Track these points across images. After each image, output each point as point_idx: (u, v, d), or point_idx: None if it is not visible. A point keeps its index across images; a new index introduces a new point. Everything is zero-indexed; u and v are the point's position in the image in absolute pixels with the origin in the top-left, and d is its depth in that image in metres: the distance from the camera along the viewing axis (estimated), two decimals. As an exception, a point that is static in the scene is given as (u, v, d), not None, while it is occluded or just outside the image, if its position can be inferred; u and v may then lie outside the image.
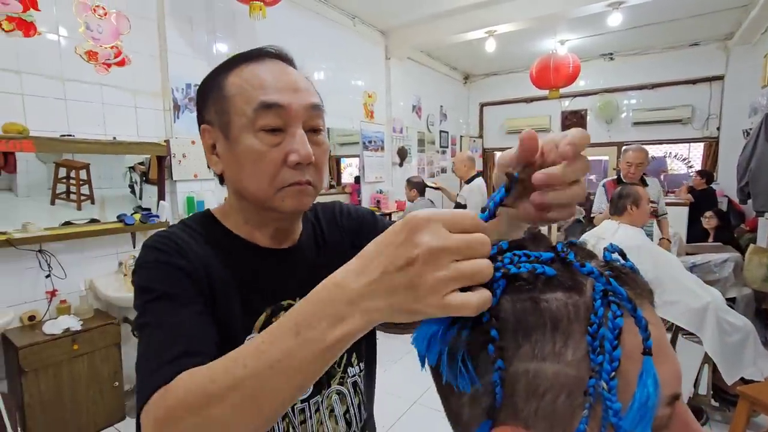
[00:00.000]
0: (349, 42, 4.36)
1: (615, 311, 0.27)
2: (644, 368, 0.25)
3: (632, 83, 6.00)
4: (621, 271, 0.30)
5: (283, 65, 0.59)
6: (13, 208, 2.28)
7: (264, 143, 0.54)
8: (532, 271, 0.29)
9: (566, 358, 0.27)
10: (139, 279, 0.54)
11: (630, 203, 2.32)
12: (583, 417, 0.26)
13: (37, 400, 1.99)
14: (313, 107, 0.57)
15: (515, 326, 0.29)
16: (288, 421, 0.61)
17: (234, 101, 0.55)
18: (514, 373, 0.28)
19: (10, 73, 2.13)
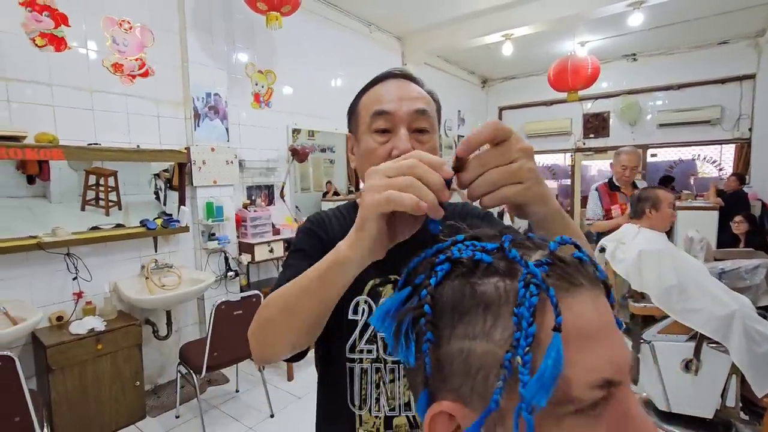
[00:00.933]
0: (365, 48, 4.41)
1: (532, 291, 0.28)
2: (551, 343, 0.27)
3: (657, 84, 5.83)
4: (562, 260, 0.31)
5: (403, 81, 0.72)
6: (46, 214, 2.40)
7: (375, 141, 0.68)
8: (471, 257, 0.32)
9: (495, 338, 0.29)
10: (295, 236, 0.78)
11: (649, 207, 2.25)
12: (497, 388, 0.28)
13: (63, 397, 2.07)
14: (416, 112, 0.68)
15: (452, 308, 0.31)
16: (380, 375, 0.71)
17: (361, 113, 0.72)
18: (450, 352, 0.31)
19: (43, 86, 2.25)
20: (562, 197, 7.33)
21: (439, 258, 0.33)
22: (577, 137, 6.62)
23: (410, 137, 0.67)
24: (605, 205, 2.85)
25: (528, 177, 0.42)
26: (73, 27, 2.33)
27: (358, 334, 0.71)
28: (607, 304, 0.32)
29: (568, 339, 0.27)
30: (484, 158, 0.42)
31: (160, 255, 2.75)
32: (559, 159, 7.25)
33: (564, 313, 0.28)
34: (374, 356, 0.72)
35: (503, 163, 0.41)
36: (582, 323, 0.28)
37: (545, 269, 0.29)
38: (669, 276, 2.03)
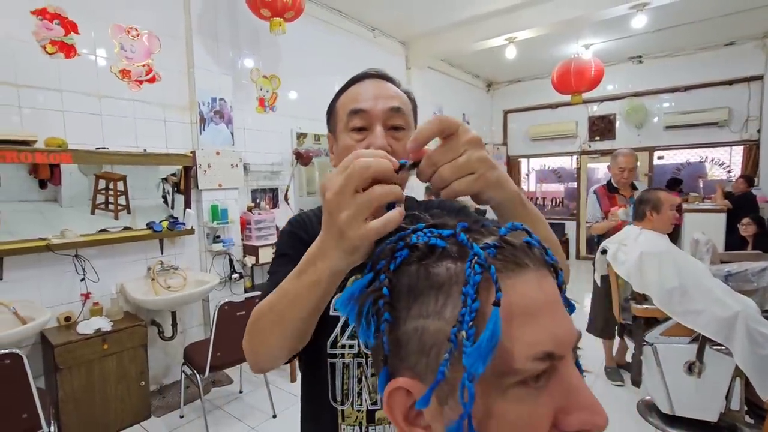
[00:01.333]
0: (369, 53, 4.45)
1: (476, 270, 0.30)
2: (490, 316, 0.29)
3: (663, 86, 5.79)
4: (510, 244, 0.33)
5: (379, 81, 0.74)
6: (57, 218, 2.45)
7: (352, 139, 0.70)
8: (427, 242, 0.34)
9: (445, 315, 0.31)
10: (278, 240, 0.80)
11: (650, 209, 2.25)
12: (443, 360, 0.29)
13: (70, 396, 2.11)
14: (391, 109, 0.69)
15: (408, 290, 0.33)
16: (362, 370, 0.73)
17: (339, 113, 0.73)
18: (407, 331, 0.33)
19: (53, 92, 2.31)
20: (568, 200, 7.29)
21: (399, 244, 0.35)
22: (582, 140, 6.59)
23: (386, 134, 0.68)
24: (604, 207, 2.83)
25: (478, 167, 0.44)
26: (83, 34, 2.40)
27: (340, 330, 0.73)
28: (554, 284, 0.34)
29: (512, 315, 0.30)
30: (434, 157, 0.43)
31: (165, 257, 2.80)
32: (565, 162, 7.22)
33: (508, 292, 0.30)
34: (356, 351, 0.73)
35: (452, 158, 0.43)
36: (525, 301, 0.30)
37: (492, 252, 0.31)
38: (670, 277, 2.02)
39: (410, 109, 0.75)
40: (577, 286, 5.01)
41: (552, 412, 0.30)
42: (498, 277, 0.30)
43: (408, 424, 0.33)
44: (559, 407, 0.30)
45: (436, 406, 0.31)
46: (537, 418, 0.29)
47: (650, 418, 2.32)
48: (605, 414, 0.30)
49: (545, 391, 0.30)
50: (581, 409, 0.30)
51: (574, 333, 0.32)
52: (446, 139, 0.44)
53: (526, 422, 0.29)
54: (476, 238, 0.33)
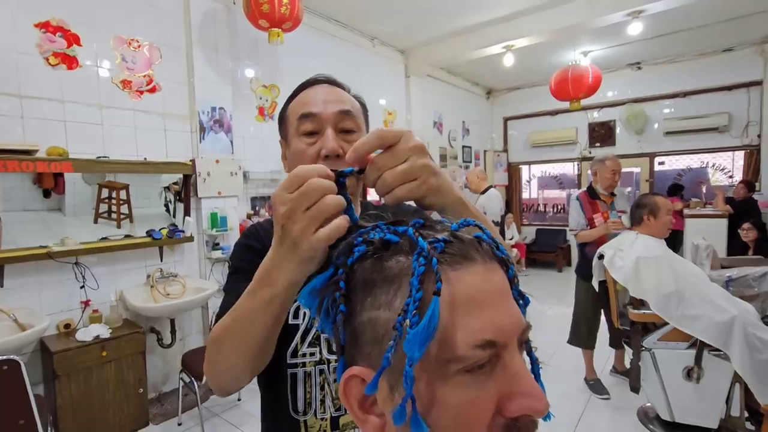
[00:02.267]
0: (368, 62, 4.51)
1: (420, 262, 0.32)
2: (430, 305, 0.30)
3: (662, 92, 5.81)
4: (459, 239, 0.34)
5: (328, 87, 0.74)
6: (60, 226, 2.48)
7: (304, 143, 0.70)
8: (382, 238, 0.36)
9: (395, 306, 0.33)
10: (232, 253, 0.78)
11: (647, 213, 2.25)
12: (388, 347, 0.31)
13: (68, 403, 2.12)
14: (341, 112, 0.70)
15: (363, 283, 0.35)
16: (324, 377, 0.72)
17: (289, 118, 0.74)
18: (362, 322, 0.34)
19: (55, 102, 2.36)
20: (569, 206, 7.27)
21: (357, 240, 0.37)
22: (583, 146, 6.60)
23: (337, 137, 0.69)
24: (587, 213, 2.78)
25: (421, 173, 0.45)
26: (85, 46, 2.45)
27: (300, 339, 0.71)
28: (503, 277, 0.35)
29: (456, 305, 0.31)
30: (378, 162, 0.44)
31: (165, 264, 2.82)
32: (566, 168, 7.23)
33: (453, 283, 0.32)
34: (317, 358, 0.72)
35: (395, 164, 0.44)
36: (470, 291, 0.32)
37: (441, 246, 0.33)
38: (667, 282, 2.01)
39: (360, 113, 0.76)
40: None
41: (495, 398, 0.31)
42: (443, 269, 0.31)
43: (363, 411, 0.35)
44: (502, 394, 0.31)
45: (387, 393, 0.33)
46: (480, 404, 0.31)
47: (651, 426, 2.29)
48: (546, 399, 0.32)
49: (489, 379, 0.31)
50: (523, 395, 0.31)
51: (518, 322, 0.33)
52: (390, 147, 0.45)
53: (470, 408, 0.30)
54: (428, 234, 0.35)
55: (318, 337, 0.72)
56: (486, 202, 3.67)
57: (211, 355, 0.57)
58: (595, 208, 2.77)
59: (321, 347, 0.72)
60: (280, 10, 2.62)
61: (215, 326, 0.57)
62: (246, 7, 2.72)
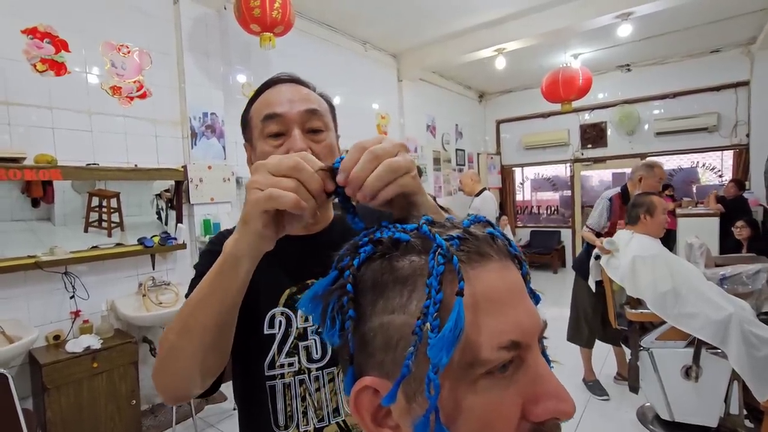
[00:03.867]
0: (360, 67, 4.50)
1: (439, 261, 0.30)
2: (453, 307, 0.28)
3: (652, 93, 5.88)
4: (473, 236, 0.32)
5: (293, 86, 0.71)
6: (49, 236, 2.42)
7: (270, 146, 0.66)
8: (391, 237, 0.33)
9: (410, 309, 0.30)
10: (198, 261, 0.75)
11: (643, 212, 2.25)
12: (408, 353, 0.29)
13: (59, 417, 2.06)
14: (308, 111, 0.67)
15: (373, 285, 0.32)
16: (305, 387, 0.68)
17: (253, 120, 0.70)
18: (372, 327, 0.32)
19: (43, 109, 2.32)
20: (563, 208, 7.32)
21: (363, 240, 0.35)
22: (575, 148, 6.65)
23: (305, 137, 0.66)
24: (613, 218, 2.68)
25: (411, 167, 0.43)
26: (73, 52, 2.41)
27: (277, 349, 0.67)
28: (518, 274, 0.34)
29: (477, 305, 0.29)
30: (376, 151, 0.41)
31: (157, 272, 2.77)
32: (559, 171, 7.28)
33: (472, 282, 0.30)
34: (296, 368, 0.68)
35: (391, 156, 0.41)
36: (489, 290, 0.30)
37: (456, 243, 0.31)
38: (664, 281, 2.01)
39: (328, 111, 0.72)
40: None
41: (520, 402, 0.29)
42: (461, 268, 0.30)
43: (376, 425, 0.32)
44: (527, 397, 0.30)
45: (403, 404, 0.31)
46: (505, 409, 0.29)
47: (650, 426, 2.28)
48: (572, 401, 0.30)
49: (512, 382, 0.29)
50: (549, 397, 0.30)
51: (539, 322, 0.32)
52: None
53: (495, 414, 0.29)
54: (440, 231, 0.33)
55: (296, 346, 0.68)
56: (481, 205, 3.67)
57: (159, 354, 0.54)
58: (623, 214, 2.66)
59: (300, 356, 0.68)
60: (271, 15, 2.61)
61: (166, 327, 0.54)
62: (237, 11, 2.71)
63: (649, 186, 2.71)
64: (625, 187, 2.80)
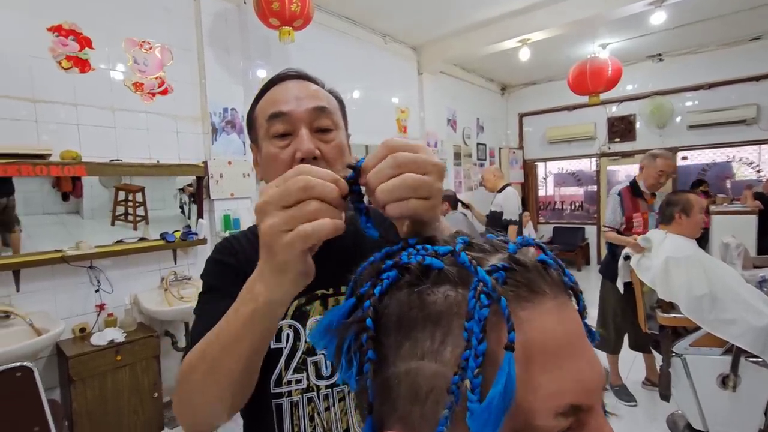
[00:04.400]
0: (380, 60, 4.44)
1: (482, 302, 0.24)
2: (501, 366, 0.23)
3: (685, 84, 5.60)
4: (522, 265, 0.27)
5: (300, 82, 0.67)
6: (78, 229, 2.50)
7: (276, 147, 0.63)
8: (420, 262, 0.28)
9: (444, 356, 0.25)
10: (202, 273, 0.70)
11: (679, 211, 2.13)
12: (442, 417, 0.24)
13: (84, 408, 2.11)
14: (316, 109, 0.62)
15: (398, 321, 0.27)
16: (313, 406, 0.63)
17: (258, 120, 0.66)
18: (396, 373, 0.27)
19: (68, 106, 2.35)
20: (588, 203, 7.10)
21: (386, 264, 0.29)
22: (601, 142, 6.42)
23: (313, 137, 0.61)
24: (627, 212, 2.61)
25: (437, 195, 0.37)
26: (97, 49, 2.44)
27: (284, 364, 0.63)
28: (576, 314, 0.28)
29: (529, 358, 0.24)
30: (399, 159, 0.35)
31: (179, 267, 2.81)
32: (584, 165, 7.06)
33: (523, 327, 0.24)
34: (304, 386, 0.63)
35: (418, 171, 0.35)
36: (545, 338, 0.25)
37: (502, 275, 0.26)
38: (699, 284, 1.90)
39: (337, 109, 0.68)
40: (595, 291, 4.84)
41: None
42: (510, 310, 0.24)
43: None
44: None
45: None
46: None
47: (682, 435, 2.18)
48: None
49: None
50: None
51: (602, 374, 0.26)
52: None
53: None
54: (480, 258, 0.27)
55: (304, 362, 0.63)
56: (503, 201, 3.57)
57: (181, 389, 0.49)
58: (636, 207, 2.58)
59: (308, 372, 0.63)
60: (290, 8, 2.57)
61: (189, 353, 0.49)
62: (256, 5, 2.69)
63: (648, 177, 2.62)
64: (635, 179, 2.73)
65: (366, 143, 4.23)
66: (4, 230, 2.21)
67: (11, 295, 2.15)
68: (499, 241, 0.29)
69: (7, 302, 2.12)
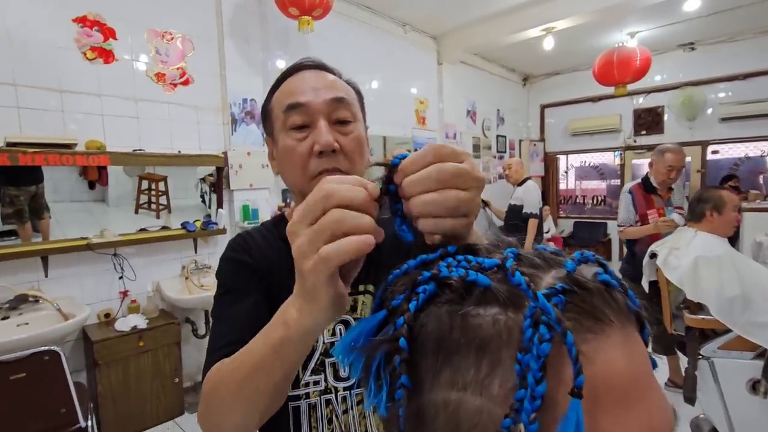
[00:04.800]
0: (399, 50, 4.37)
1: (543, 335, 0.21)
2: (568, 413, 0.19)
3: (718, 74, 5.35)
4: (583, 287, 0.23)
5: (317, 72, 0.65)
6: (104, 217, 2.57)
7: (293, 139, 0.61)
8: (464, 277, 0.24)
9: (491, 391, 0.22)
10: (217, 273, 0.67)
11: (710, 208, 2.04)
12: None
13: (108, 391, 2.18)
14: (334, 100, 0.60)
15: (436, 344, 0.24)
16: (331, 408, 0.62)
17: (274, 111, 0.65)
18: (433, 402, 0.23)
19: (93, 96, 2.40)
20: (611, 198, 6.92)
21: (423, 275, 0.26)
22: (627, 134, 6.21)
23: (331, 129, 0.60)
24: (640, 209, 2.53)
25: (476, 212, 0.34)
26: (120, 40, 2.47)
27: (301, 365, 0.60)
28: (643, 345, 0.24)
29: (595, 399, 0.20)
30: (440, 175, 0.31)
31: (199, 256, 2.85)
32: (607, 158, 6.85)
33: (587, 364, 0.20)
34: (322, 387, 0.62)
35: (460, 186, 0.32)
36: (611, 377, 0.21)
37: (561, 300, 0.22)
38: (731, 285, 1.82)
39: (356, 100, 0.66)
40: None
41: None
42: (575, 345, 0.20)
43: None
44: None
45: None
46: None
47: (706, 439, 2.12)
48: None
49: None
50: None
51: (672, 420, 0.23)
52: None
53: None
54: (533, 275, 0.24)
55: (322, 363, 0.62)
56: (524, 194, 3.50)
57: (207, 403, 0.48)
58: (650, 204, 2.50)
59: (326, 374, 0.62)
60: (310, -3, 2.54)
61: (213, 369, 0.48)
62: (276, -5, 2.67)
63: (657, 173, 2.53)
64: (646, 175, 2.64)
65: (384, 134, 4.20)
66: (35, 217, 2.28)
67: (40, 280, 2.22)
68: (551, 255, 0.26)
69: (37, 287, 2.19)
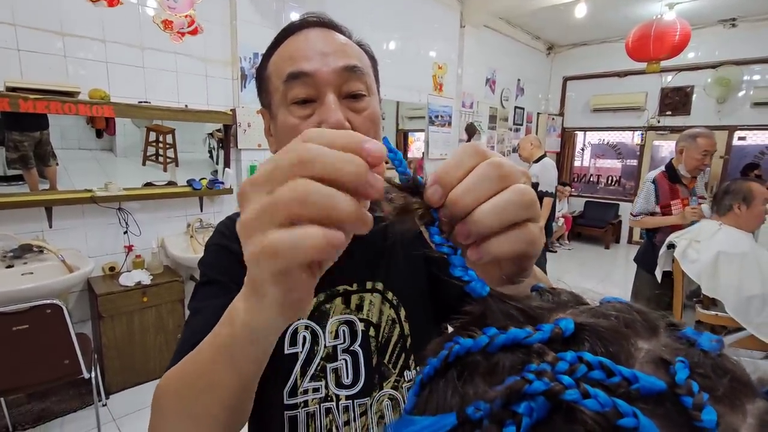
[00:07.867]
0: (421, 8, 4.12)
1: None
2: None
3: (757, 55, 5.03)
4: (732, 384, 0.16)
5: (325, 31, 0.53)
6: (111, 166, 2.52)
7: (296, 116, 0.50)
8: (609, 416, 0.14)
9: None
10: (202, 257, 0.59)
11: (738, 201, 1.94)
12: None
13: (112, 343, 2.21)
14: (346, 69, 0.50)
15: None
16: (331, 418, 0.56)
17: (272, 79, 0.53)
18: None
19: (97, 42, 2.27)
20: (626, 179, 6.75)
21: (533, 385, 0.15)
22: (651, 114, 5.96)
23: (342, 105, 0.49)
24: (663, 200, 2.36)
25: (538, 212, 0.26)
26: (125, -19, 2.31)
27: (300, 371, 0.54)
28: None
29: None
30: (506, 168, 0.24)
31: (204, 215, 2.82)
32: (626, 137, 6.62)
33: None
34: (322, 395, 0.55)
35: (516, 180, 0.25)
36: None
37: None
38: (752, 284, 1.76)
39: (369, 67, 0.55)
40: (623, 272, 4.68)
41: None
42: None
43: None
44: None
45: None
46: None
47: None
48: None
49: None
50: None
51: None
52: None
53: None
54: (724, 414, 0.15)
55: (323, 369, 0.56)
56: (540, 171, 3.38)
57: (154, 420, 0.39)
58: (675, 194, 2.35)
59: (327, 380, 0.55)
60: (330, -56, 2.34)
61: (164, 376, 0.39)
62: (293, -61, 2.46)
63: (690, 160, 2.32)
64: (671, 163, 2.44)
65: (397, 99, 4.03)
66: (41, 163, 2.23)
67: (44, 230, 2.19)
68: (732, 366, 0.17)
69: (41, 237, 2.18)
